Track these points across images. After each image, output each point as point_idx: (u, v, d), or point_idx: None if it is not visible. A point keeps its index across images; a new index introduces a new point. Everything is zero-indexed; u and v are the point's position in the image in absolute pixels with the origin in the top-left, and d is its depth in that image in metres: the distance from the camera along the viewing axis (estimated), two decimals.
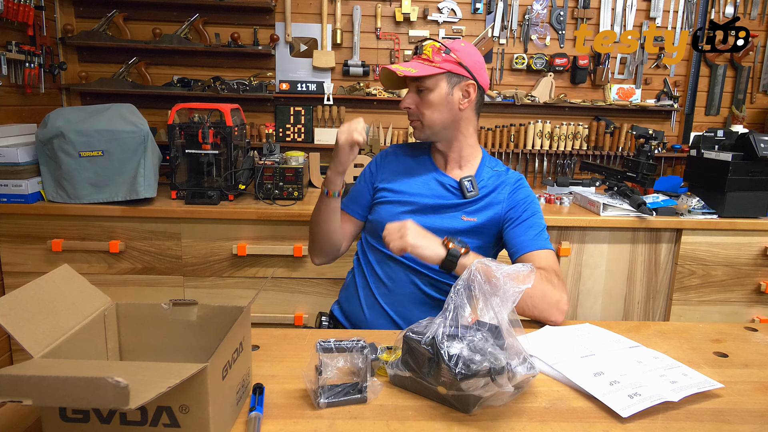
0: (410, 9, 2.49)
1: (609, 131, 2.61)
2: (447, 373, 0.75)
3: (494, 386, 0.73)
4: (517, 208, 1.26)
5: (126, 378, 0.50)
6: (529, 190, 1.31)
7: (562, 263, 2.08)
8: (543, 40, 2.60)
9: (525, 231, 1.24)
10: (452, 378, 0.74)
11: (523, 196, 1.29)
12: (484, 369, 0.73)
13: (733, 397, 0.85)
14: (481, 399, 0.76)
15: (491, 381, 0.73)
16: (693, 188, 2.24)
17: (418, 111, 1.25)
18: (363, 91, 2.54)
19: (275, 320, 2.08)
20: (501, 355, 0.75)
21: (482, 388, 0.74)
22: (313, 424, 0.74)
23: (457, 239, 1.08)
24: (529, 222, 1.25)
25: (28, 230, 1.97)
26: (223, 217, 1.99)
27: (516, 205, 1.27)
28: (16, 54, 2.07)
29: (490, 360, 0.74)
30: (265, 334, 1.02)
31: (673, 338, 1.07)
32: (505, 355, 0.76)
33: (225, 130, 2.07)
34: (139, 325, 0.81)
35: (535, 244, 1.21)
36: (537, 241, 1.21)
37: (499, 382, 0.73)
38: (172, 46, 2.40)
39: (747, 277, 2.14)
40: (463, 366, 0.73)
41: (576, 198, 2.32)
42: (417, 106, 1.25)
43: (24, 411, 0.74)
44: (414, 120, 1.27)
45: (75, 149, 1.90)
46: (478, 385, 0.74)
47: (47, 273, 0.75)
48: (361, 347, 0.79)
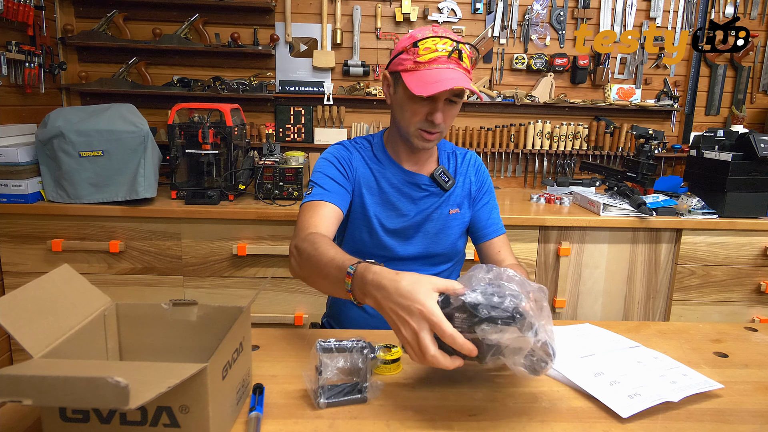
0: (410, 9, 2.49)
1: (609, 131, 2.61)
2: (460, 322, 0.67)
3: (515, 330, 0.65)
4: (482, 188, 1.31)
5: (126, 378, 0.50)
6: (485, 167, 1.35)
7: (562, 263, 2.08)
8: (543, 40, 2.60)
9: (489, 213, 1.29)
10: (467, 325, 0.67)
11: (485, 175, 1.33)
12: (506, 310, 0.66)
13: (733, 397, 0.85)
14: (495, 348, 0.68)
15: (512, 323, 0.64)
16: (693, 188, 2.24)
17: (445, 124, 1.14)
18: (363, 91, 2.54)
19: (275, 320, 2.08)
20: (523, 302, 0.67)
21: (499, 333, 0.66)
22: (313, 424, 0.74)
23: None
24: (491, 203, 1.31)
25: (28, 230, 1.97)
26: (223, 217, 1.99)
27: (482, 184, 1.31)
28: (16, 54, 2.07)
29: (511, 300, 0.66)
30: (265, 334, 1.02)
31: (673, 338, 1.07)
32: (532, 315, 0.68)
33: (225, 130, 2.07)
34: (139, 325, 0.81)
35: (499, 228, 1.29)
36: (499, 225, 1.29)
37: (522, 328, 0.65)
38: (172, 46, 2.40)
39: (747, 277, 2.14)
40: (482, 308, 0.66)
41: (576, 198, 2.32)
42: (445, 119, 1.13)
43: (24, 411, 0.74)
44: (435, 133, 1.14)
45: (75, 149, 1.90)
46: (495, 331, 0.66)
47: (47, 273, 0.75)
48: (361, 347, 0.79)
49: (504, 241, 1.28)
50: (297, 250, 1.01)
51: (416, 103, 1.10)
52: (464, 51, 1.09)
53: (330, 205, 1.13)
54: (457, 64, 1.08)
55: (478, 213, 1.29)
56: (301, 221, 1.11)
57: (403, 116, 1.15)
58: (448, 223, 1.26)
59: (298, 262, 1.01)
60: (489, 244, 1.27)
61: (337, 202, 1.15)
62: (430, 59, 1.07)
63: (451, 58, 1.07)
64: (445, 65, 1.07)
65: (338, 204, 1.15)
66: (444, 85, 1.03)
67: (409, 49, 1.09)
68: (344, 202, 1.18)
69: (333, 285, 0.88)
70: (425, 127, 1.13)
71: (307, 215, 1.11)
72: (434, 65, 1.07)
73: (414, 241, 1.25)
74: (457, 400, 0.81)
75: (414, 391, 0.83)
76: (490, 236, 1.27)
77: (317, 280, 0.95)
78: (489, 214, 1.29)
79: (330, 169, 1.20)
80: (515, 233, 2.03)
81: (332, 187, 1.17)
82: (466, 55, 1.10)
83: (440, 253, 1.27)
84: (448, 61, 1.07)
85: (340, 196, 1.17)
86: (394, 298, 0.72)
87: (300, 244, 1.01)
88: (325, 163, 1.22)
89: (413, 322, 0.69)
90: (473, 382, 0.87)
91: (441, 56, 1.07)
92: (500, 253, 1.26)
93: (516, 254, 1.29)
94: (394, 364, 0.89)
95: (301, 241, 1.02)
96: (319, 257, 0.92)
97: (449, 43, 1.07)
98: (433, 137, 1.15)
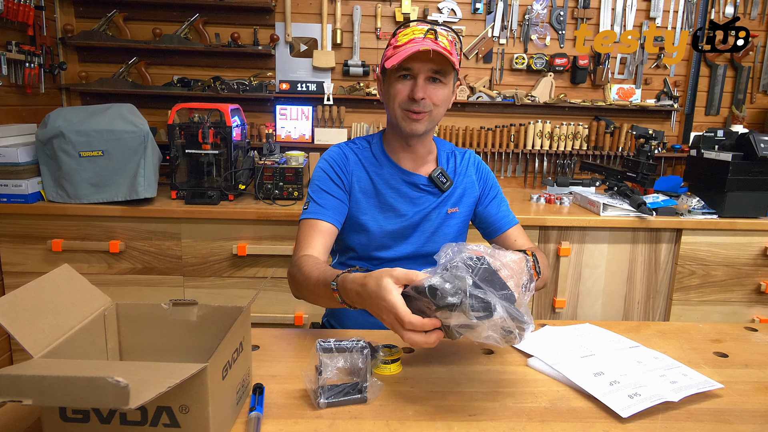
0: (410, 9, 2.49)
1: (609, 131, 2.61)
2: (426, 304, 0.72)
3: (462, 316, 0.69)
4: (488, 185, 1.32)
5: (126, 378, 0.50)
6: (485, 164, 1.36)
7: (562, 263, 2.08)
8: (543, 40, 2.60)
9: (498, 207, 1.31)
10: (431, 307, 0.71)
11: (487, 171, 1.34)
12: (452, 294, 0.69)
13: (733, 397, 0.85)
14: (455, 327, 0.73)
15: (456, 310, 0.69)
16: (693, 188, 2.24)
17: (431, 102, 1.14)
18: (363, 91, 2.54)
19: (275, 320, 2.08)
20: (478, 291, 0.70)
21: (454, 317, 0.71)
22: (313, 424, 0.74)
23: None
24: (499, 197, 1.32)
25: (28, 230, 1.97)
26: (223, 217, 1.99)
27: (486, 182, 1.32)
28: (16, 54, 2.07)
29: (459, 288, 0.70)
30: (265, 334, 1.02)
31: (673, 338, 1.07)
32: (486, 292, 0.71)
33: (225, 130, 2.07)
34: (139, 325, 0.81)
35: (512, 219, 1.30)
36: (511, 217, 1.31)
37: (466, 312, 0.69)
38: (172, 46, 2.40)
39: (747, 277, 2.14)
40: (433, 296, 0.70)
41: (576, 198, 2.32)
42: (430, 97, 1.13)
43: (24, 411, 0.74)
44: (422, 112, 1.14)
45: (75, 149, 1.90)
46: (445, 316, 0.71)
47: (47, 273, 0.75)
48: (361, 347, 0.79)
49: (519, 231, 1.29)
50: (290, 276, 1.12)
51: (398, 83, 1.14)
52: (440, 31, 1.11)
53: (324, 223, 1.18)
54: (432, 42, 1.08)
55: (488, 209, 1.30)
56: (297, 241, 1.18)
57: (389, 103, 1.18)
58: (445, 222, 1.27)
59: (294, 287, 1.11)
60: (504, 236, 1.28)
61: (332, 219, 1.19)
62: (407, 41, 1.11)
63: (426, 38, 1.09)
64: (420, 43, 1.09)
65: (333, 221, 1.19)
66: (412, 50, 1.06)
67: (391, 41, 1.17)
68: (340, 216, 1.22)
69: (328, 301, 0.95)
70: (409, 106, 1.14)
71: (303, 235, 1.18)
72: (410, 45, 1.10)
73: (410, 240, 1.26)
74: (457, 400, 0.81)
75: (414, 391, 0.83)
76: (504, 229, 1.28)
77: (315, 300, 1.03)
78: (498, 207, 1.30)
79: (326, 182, 1.23)
80: None
81: (328, 202, 1.20)
82: (444, 36, 1.11)
83: (435, 252, 1.27)
84: (424, 40, 1.09)
85: (335, 211, 1.21)
86: (368, 300, 0.81)
87: (291, 270, 1.11)
88: (321, 175, 1.24)
89: (384, 315, 0.78)
90: (473, 382, 0.87)
91: (416, 37, 1.10)
92: (516, 242, 1.27)
93: None
94: (394, 364, 0.89)
95: (292, 266, 1.11)
96: (306, 281, 1.01)
97: (424, 28, 1.11)
98: (419, 117, 1.15)
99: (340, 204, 1.22)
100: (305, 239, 1.16)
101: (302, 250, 1.15)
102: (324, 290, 0.93)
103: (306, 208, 1.21)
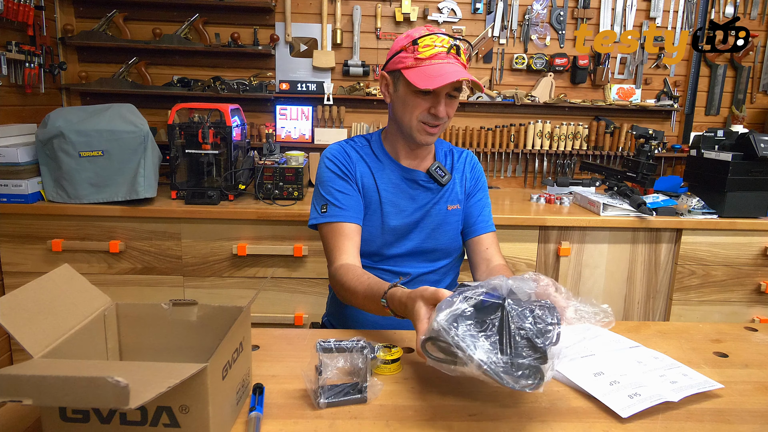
0: (410, 9, 2.49)
1: (609, 131, 2.61)
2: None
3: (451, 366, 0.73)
4: (477, 185, 1.33)
5: (126, 378, 0.50)
6: (480, 166, 1.37)
7: (562, 263, 2.08)
8: (543, 40, 2.60)
9: (481, 210, 1.31)
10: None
11: (480, 173, 1.35)
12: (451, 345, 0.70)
13: (733, 397, 0.85)
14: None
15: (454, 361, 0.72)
16: (693, 188, 2.24)
17: (447, 117, 1.18)
18: (363, 91, 2.54)
19: (275, 320, 2.08)
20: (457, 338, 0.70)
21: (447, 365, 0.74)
22: (313, 424, 0.74)
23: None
24: (483, 201, 1.33)
25: (28, 230, 1.97)
26: (223, 217, 1.99)
27: (476, 181, 1.33)
28: (16, 54, 2.07)
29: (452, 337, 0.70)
30: (265, 334, 1.02)
31: (673, 338, 1.07)
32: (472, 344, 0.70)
33: (225, 130, 2.07)
34: (139, 325, 0.81)
35: (489, 226, 1.31)
36: (490, 223, 1.31)
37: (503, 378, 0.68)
38: (172, 46, 2.40)
39: (747, 277, 2.14)
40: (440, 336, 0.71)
41: (576, 198, 2.32)
42: (447, 112, 1.17)
43: (24, 411, 0.74)
44: (437, 126, 1.18)
45: (75, 149, 1.90)
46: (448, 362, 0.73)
47: (47, 273, 0.75)
48: (361, 347, 0.79)
49: (493, 240, 1.29)
50: (333, 287, 1.16)
51: (418, 97, 1.15)
52: (461, 47, 1.15)
53: (349, 225, 1.19)
54: (455, 59, 1.13)
55: (470, 209, 1.31)
56: (328, 248, 1.19)
57: (404, 112, 1.18)
58: (446, 218, 1.27)
59: (341, 296, 1.14)
60: (477, 240, 1.28)
61: (355, 219, 1.20)
62: (431, 55, 1.12)
63: (450, 54, 1.13)
64: (446, 60, 1.12)
65: (356, 220, 1.20)
66: (448, 78, 1.08)
67: (408, 47, 1.14)
68: (360, 213, 1.23)
69: (379, 312, 0.99)
70: (428, 120, 1.17)
71: (332, 243, 1.18)
72: (435, 60, 1.12)
73: (411, 236, 1.26)
74: (457, 400, 0.81)
75: (414, 391, 0.83)
76: (479, 232, 1.28)
77: (366, 310, 1.06)
78: (480, 210, 1.31)
79: (336, 182, 1.22)
80: (515, 233, 2.03)
81: (346, 201, 1.20)
82: (463, 51, 1.16)
83: (438, 249, 1.28)
84: (448, 56, 1.12)
85: (355, 210, 1.21)
86: (409, 318, 0.86)
87: (332, 282, 1.15)
88: (329, 175, 1.23)
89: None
90: (473, 382, 0.87)
91: (440, 52, 1.12)
92: (488, 251, 1.26)
93: (516, 254, 1.30)
94: (394, 364, 0.89)
95: (332, 279, 1.16)
96: (354, 297, 1.06)
97: (446, 40, 1.14)
98: (435, 130, 1.19)
99: (356, 201, 1.22)
100: (336, 247, 1.17)
101: (336, 259, 1.15)
102: (374, 305, 0.98)
103: (324, 212, 1.20)
